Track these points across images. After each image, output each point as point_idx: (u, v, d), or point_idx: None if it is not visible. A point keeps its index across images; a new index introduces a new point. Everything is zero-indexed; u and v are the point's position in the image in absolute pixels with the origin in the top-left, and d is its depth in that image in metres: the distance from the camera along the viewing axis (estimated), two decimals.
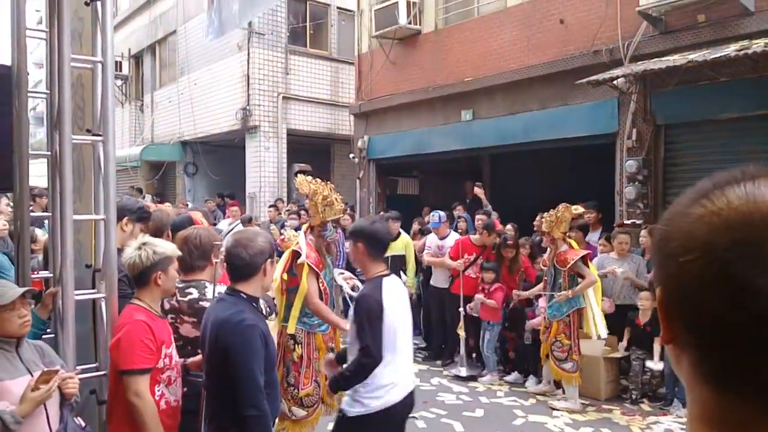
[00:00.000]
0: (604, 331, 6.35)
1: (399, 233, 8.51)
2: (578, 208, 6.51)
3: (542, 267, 6.93)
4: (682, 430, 5.84)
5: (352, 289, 5.16)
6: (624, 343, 6.80)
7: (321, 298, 4.41)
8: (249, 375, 2.63)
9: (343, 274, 5.19)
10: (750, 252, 0.61)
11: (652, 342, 6.48)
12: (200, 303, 3.22)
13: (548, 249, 6.71)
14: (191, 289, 3.29)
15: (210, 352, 2.76)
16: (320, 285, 4.43)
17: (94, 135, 3.03)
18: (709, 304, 0.63)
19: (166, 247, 2.91)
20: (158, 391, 2.81)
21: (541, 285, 6.93)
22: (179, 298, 3.22)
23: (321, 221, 4.54)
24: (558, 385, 6.80)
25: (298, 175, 4.83)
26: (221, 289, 3.25)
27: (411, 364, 3.54)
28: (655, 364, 6.42)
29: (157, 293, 2.91)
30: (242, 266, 2.82)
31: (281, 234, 7.92)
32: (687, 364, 0.69)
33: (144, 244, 2.84)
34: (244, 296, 2.81)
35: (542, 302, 6.92)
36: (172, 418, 2.87)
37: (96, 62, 3.08)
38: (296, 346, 4.41)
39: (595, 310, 6.31)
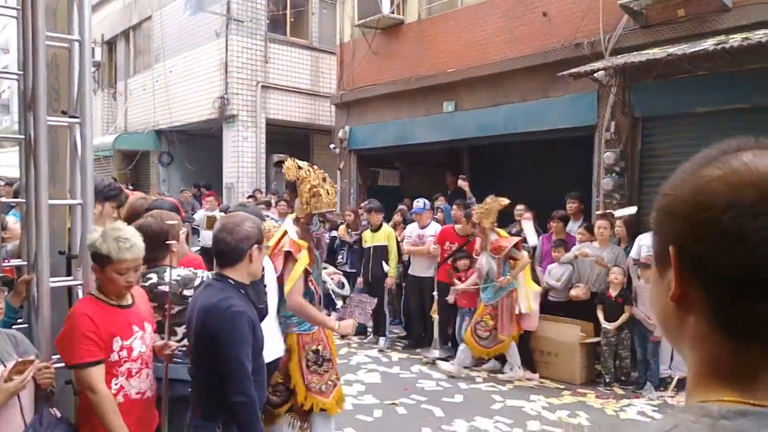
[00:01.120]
0: (535, 304, 6.92)
1: (381, 224, 8.53)
2: (504, 201, 6.99)
3: (475, 256, 7.34)
4: (654, 412, 6.03)
5: (338, 285, 5.06)
6: (601, 315, 6.87)
7: (310, 298, 3.98)
8: (237, 361, 2.61)
9: (326, 269, 4.99)
10: None
11: (622, 313, 6.71)
12: (159, 287, 3.16)
13: (478, 239, 7.20)
14: (151, 274, 3.23)
15: (196, 338, 2.73)
16: (309, 283, 4.01)
17: (70, 117, 2.95)
18: (734, 256, 0.66)
19: (108, 245, 2.70)
20: (116, 384, 2.73)
21: (475, 276, 7.23)
22: (141, 284, 3.15)
23: (307, 214, 4.05)
24: (528, 366, 7.08)
25: (287, 160, 4.26)
26: (182, 271, 3.19)
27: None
28: (610, 325, 6.69)
29: (102, 287, 2.79)
30: (227, 251, 2.77)
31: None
32: (697, 321, 0.72)
33: (100, 236, 2.70)
34: (232, 282, 2.77)
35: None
36: (135, 411, 2.79)
37: (72, 41, 2.99)
38: None
39: (526, 288, 6.87)
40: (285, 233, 4.07)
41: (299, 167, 4.15)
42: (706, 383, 0.71)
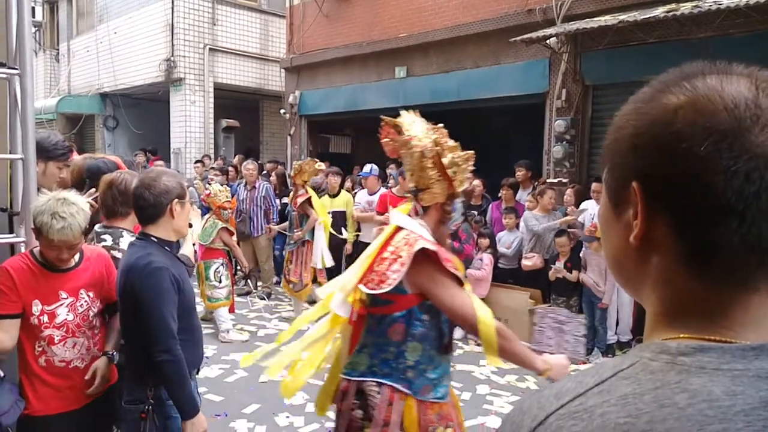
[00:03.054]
0: (329, 261, 7.64)
1: (340, 190, 8.49)
2: (321, 165, 8.07)
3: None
4: None
5: None
6: (559, 265, 6.94)
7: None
8: (159, 319, 2.52)
9: None
10: (736, 132, 0.63)
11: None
12: (112, 251, 3.04)
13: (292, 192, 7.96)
14: (106, 236, 3.12)
15: (120, 299, 2.64)
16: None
17: (9, 68, 2.80)
18: (710, 187, 0.63)
19: (43, 221, 2.57)
20: (39, 347, 2.65)
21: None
22: (95, 244, 3.05)
23: (449, 194, 2.53)
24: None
25: (405, 113, 2.77)
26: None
27: None
28: (561, 269, 6.82)
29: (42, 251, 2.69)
30: (146, 207, 2.67)
31: (206, 189, 7.74)
32: (662, 260, 0.69)
33: (38, 208, 2.58)
34: (155, 239, 2.67)
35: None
36: (57, 378, 2.70)
37: None
38: None
39: (321, 243, 7.57)
40: (396, 230, 2.48)
41: (401, 127, 2.69)
42: (667, 322, 0.69)
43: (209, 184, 8.75)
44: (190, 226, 3.10)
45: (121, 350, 2.86)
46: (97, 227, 3.22)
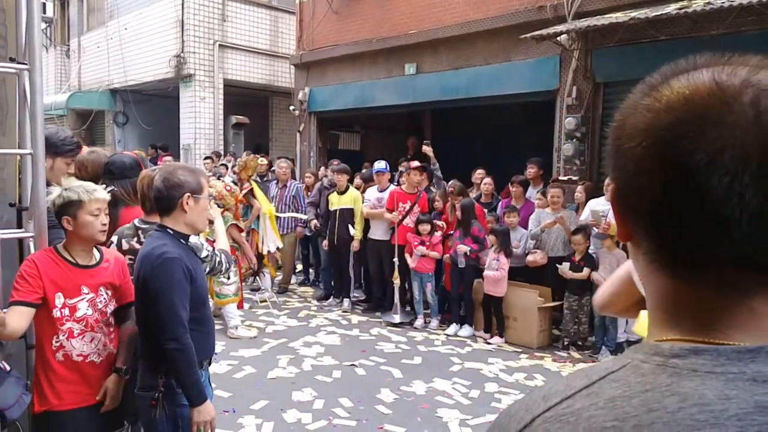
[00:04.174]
0: (272, 246, 8.35)
1: (348, 186, 8.49)
2: (263, 161, 9.11)
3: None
4: None
5: None
6: (566, 265, 6.92)
7: None
8: (169, 308, 2.57)
9: None
10: (688, 130, 0.61)
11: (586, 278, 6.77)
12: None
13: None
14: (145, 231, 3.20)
15: (135, 290, 2.70)
16: None
17: (19, 63, 2.80)
18: (652, 187, 0.63)
19: (75, 191, 2.70)
20: (56, 342, 2.69)
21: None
22: (142, 240, 3.11)
23: None
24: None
25: None
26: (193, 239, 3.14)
27: None
28: (564, 272, 6.81)
29: (72, 239, 2.74)
30: (160, 199, 2.74)
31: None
32: (644, 259, 0.69)
33: (65, 189, 2.69)
34: (171, 232, 2.73)
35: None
36: (74, 373, 2.74)
37: None
38: None
39: (268, 231, 8.28)
40: None
41: None
42: (661, 322, 0.68)
43: (221, 179, 8.81)
44: (212, 223, 3.16)
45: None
46: (137, 221, 3.28)
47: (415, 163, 8.05)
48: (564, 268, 6.81)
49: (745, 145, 0.58)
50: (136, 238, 3.21)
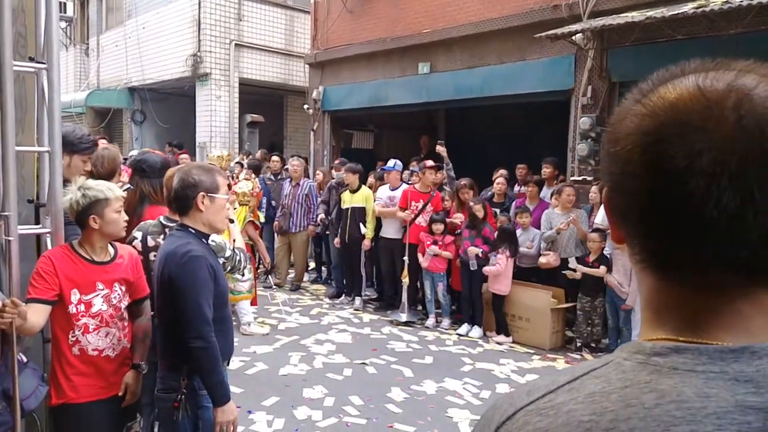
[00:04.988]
0: (239, 242, 8.25)
1: (360, 185, 8.51)
2: (222, 157, 9.01)
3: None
4: None
5: None
6: (573, 264, 6.89)
7: None
8: (195, 306, 2.58)
9: None
10: (670, 134, 0.62)
11: (600, 278, 6.70)
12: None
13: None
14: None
15: (158, 286, 2.71)
16: None
17: (37, 62, 2.86)
18: (638, 190, 0.64)
19: (101, 189, 2.78)
20: (72, 336, 2.75)
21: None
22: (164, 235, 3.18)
23: None
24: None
25: None
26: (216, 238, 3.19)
27: None
28: (576, 266, 6.74)
29: (98, 237, 2.81)
30: (176, 198, 2.77)
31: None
32: (634, 261, 0.70)
33: (80, 187, 2.75)
34: (192, 231, 2.75)
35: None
36: (89, 366, 2.79)
37: None
38: None
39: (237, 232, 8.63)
40: None
41: None
42: (650, 322, 0.69)
43: (236, 177, 8.94)
44: (231, 221, 3.20)
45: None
46: (162, 218, 3.33)
47: (430, 163, 8.06)
48: (573, 264, 6.77)
49: (724, 149, 0.59)
50: (162, 235, 3.25)
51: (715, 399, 0.58)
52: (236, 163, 11.52)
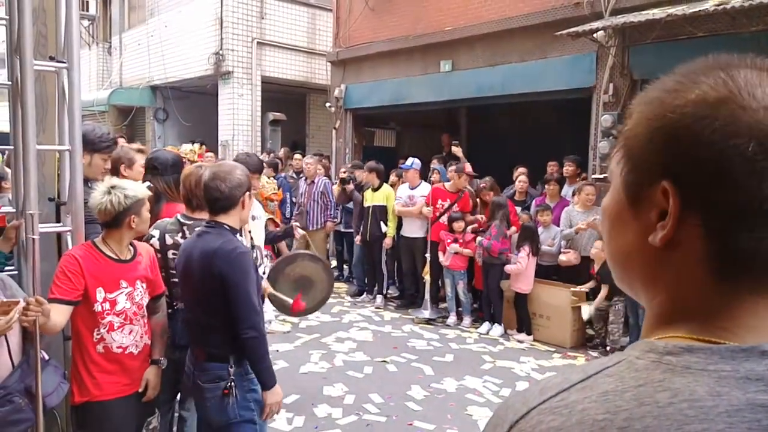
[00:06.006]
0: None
1: (381, 184, 8.51)
2: (194, 150, 9.30)
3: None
4: None
5: None
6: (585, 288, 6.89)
7: None
8: (247, 299, 2.72)
9: None
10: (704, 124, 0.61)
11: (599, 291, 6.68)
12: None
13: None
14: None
15: (201, 282, 2.77)
16: None
17: (58, 62, 2.89)
18: (754, 188, 0.61)
19: (137, 189, 2.85)
20: (97, 334, 2.79)
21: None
22: (187, 235, 3.19)
23: None
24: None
25: None
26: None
27: None
28: (588, 311, 6.70)
29: (128, 236, 2.88)
30: (221, 199, 2.82)
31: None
32: (682, 260, 0.66)
33: (113, 187, 2.77)
34: (227, 228, 2.83)
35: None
36: (113, 364, 2.84)
37: None
38: None
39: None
40: None
41: None
42: (667, 322, 0.68)
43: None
44: (253, 218, 3.25)
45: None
46: (180, 217, 3.36)
47: (469, 169, 8.03)
48: (586, 315, 6.76)
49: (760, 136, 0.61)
50: (180, 234, 3.29)
51: (726, 397, 0.58)
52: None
